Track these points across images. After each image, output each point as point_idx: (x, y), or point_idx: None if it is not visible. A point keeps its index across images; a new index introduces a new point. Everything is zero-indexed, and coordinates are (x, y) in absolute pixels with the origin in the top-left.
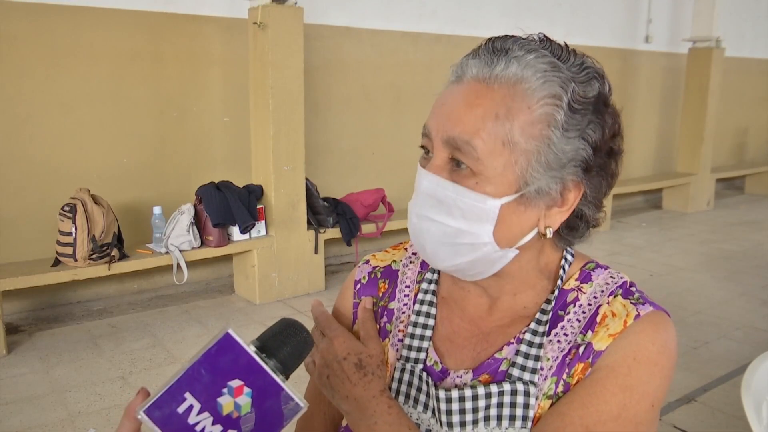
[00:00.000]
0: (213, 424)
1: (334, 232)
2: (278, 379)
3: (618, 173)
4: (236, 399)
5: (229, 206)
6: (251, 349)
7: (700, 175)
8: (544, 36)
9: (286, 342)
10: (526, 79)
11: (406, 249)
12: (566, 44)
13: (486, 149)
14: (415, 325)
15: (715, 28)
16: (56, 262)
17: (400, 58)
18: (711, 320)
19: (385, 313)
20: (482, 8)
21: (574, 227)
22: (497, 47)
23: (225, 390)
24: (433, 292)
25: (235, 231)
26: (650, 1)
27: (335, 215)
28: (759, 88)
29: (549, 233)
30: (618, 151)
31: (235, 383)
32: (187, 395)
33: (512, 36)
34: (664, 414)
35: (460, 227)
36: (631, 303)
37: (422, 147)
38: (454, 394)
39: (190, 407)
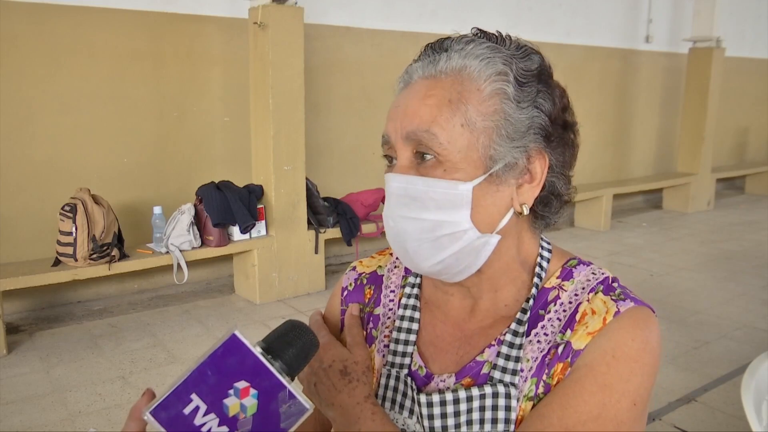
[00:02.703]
0: (219, 425)
1: (334, 232)
2: (284, 380)
3: (578, 144)
4: (242, 400)
5: (230, 206)
6: (257, 351)
7: (701, 175)
8: (478, 29)
9: (291, 343)
10: (470, 64)
11: (391, 254)
12: (500, 32)
13: (446, 134)
14: (399, 330)
15: (715, 28)
16: (56, 262)
17: (400, 58)
18: (711, 320)
19: (371, 319)
20: (482, 8)
21: (548, 203)
22: (436, 48)
23: (231, 391)
24: (416, 297)
25: (235, 231)
26: (650, 1)
27: (335, 215)
28: (759, 88)
29: (525, 210)
30: (572, 123)
31: (242, 384)
32: (194, 396)
33: (448, 36)
34: (664, 414)
35: (437, 218)
36: (611, 299)
37: (385, 156)
38: (436, 398)
39: (197, 408)
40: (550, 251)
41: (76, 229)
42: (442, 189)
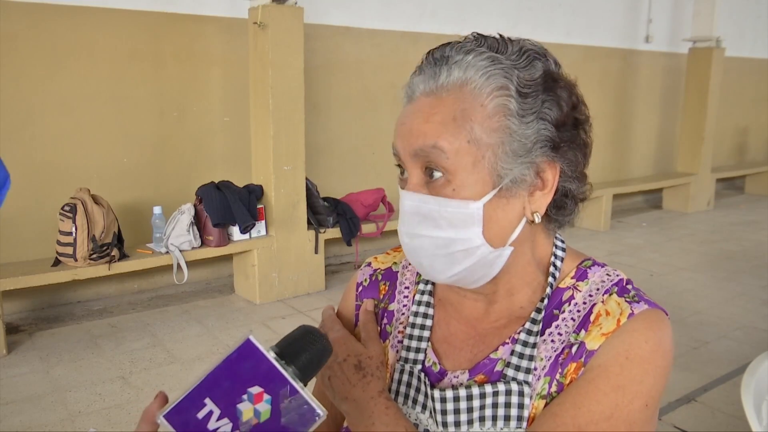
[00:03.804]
0: (232, 430)
1: (334, 232)
2: (298, 386)
3: (590, 141)
4: (256, 406)
5: (229, 206)
6: (271, 356)
7: (700, 175)
8: (478, 34)
9: (305, 349)
10: (470, 79)
11: None
12: (501, 35)
13: (453, 149)
14: (413, 326)
15: (715, 28)
16: (56, 262)
17: (400, 58)
18: (711, 320)
19: (386, 314)
20: (482, 8)
21: (562, 206)
22: (437, 57)
23: (245, 396)
24: (430, 293)
25: (235, 231)
26: (650, 1)
27: (335, 215)
28: (759, 88)
29: (537, 218)
30: (584, 119)
31: (255, 390)
32: (207, 401)
33: (449, 43)
34: (664, 414)
35: (450, 236)
36: (625, 301)
37: (398, 166)
38: (449, 394)
39: (210, 413)
40: (564, 250)
41: (75, 229)
42: (454, 208)
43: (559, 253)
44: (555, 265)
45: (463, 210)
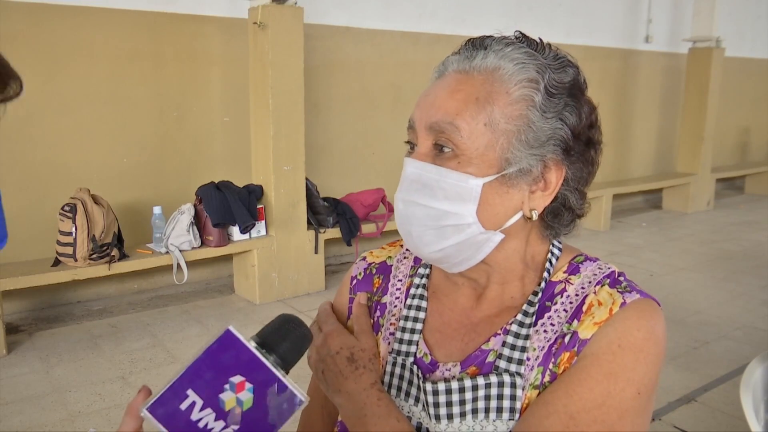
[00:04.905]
0: (215, 420)
1: (334, 232)
2: (279, 373)
3: (598, 163)
4: (238, 395)
5: (229, 206)
6: (252, 345)
7: (700, 175)
8: (521, 33)
9: (285, 337)
10: (503, 66)
11: (401, 246)
12: (541, 39)
13: (468, 129)
14: (406, 318)
15: (715, 28)
16: (56, 262)
17: (400, 58)
18: (711, 320)
19: (378, 307)
20: (482, 8)
21: (558, 214)
22: (476, 44)
23: (227, 386)
24: (424, 286)
25: (235, 231)
26: (650, 1)
27: (335, 215)
28: (759, 88)
29: (534, 215)
30: (596, 141)
31: (237, 379)
32: (190, 392)
33: (490, 35)
34: (664, 414)
35: (444, 208)
36: (617, 291)
37: (408, 143)
38: (441, 387)
39: (193, 404)
40: (560, 249)
41: (75, 229)
42: (453, 180)
43: (556, 251)
44: (551, 262)
45: (462, 184)
